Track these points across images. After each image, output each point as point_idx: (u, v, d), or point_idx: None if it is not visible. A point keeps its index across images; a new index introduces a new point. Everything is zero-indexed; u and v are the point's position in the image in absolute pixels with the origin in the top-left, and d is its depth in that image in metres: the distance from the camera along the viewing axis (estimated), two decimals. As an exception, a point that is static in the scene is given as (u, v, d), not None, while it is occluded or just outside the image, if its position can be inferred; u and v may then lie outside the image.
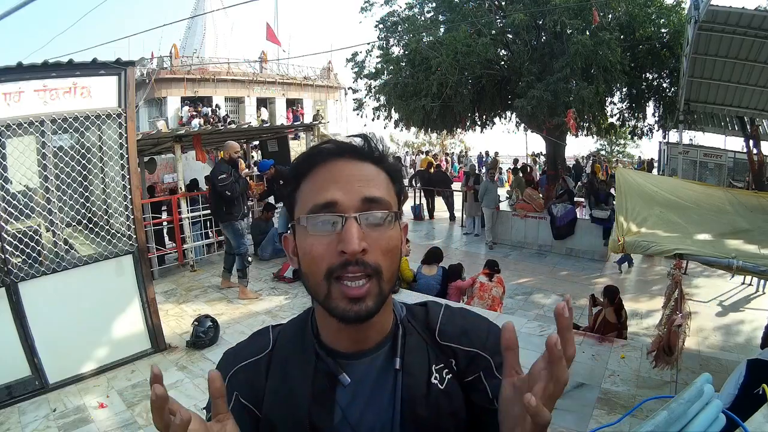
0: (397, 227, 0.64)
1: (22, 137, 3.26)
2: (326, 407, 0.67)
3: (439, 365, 0.69)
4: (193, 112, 17.57)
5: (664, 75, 9.93)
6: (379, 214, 0.62)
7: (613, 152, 23.16)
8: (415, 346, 0.70)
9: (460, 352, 0.70)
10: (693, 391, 0.55)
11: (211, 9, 18.74)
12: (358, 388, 0.68)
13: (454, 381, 0.69)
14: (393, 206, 0.65)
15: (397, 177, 0.69)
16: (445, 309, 0.76)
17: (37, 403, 3.24)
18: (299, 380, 0.68)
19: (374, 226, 0.62)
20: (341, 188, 0.62)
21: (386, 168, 0.67)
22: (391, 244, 0.63)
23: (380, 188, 0.64)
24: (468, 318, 0.75)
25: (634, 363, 3.81)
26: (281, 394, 0.69)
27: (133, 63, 3.74)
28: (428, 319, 0.73)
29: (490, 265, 5.40)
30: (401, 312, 0.75)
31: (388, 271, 0.62)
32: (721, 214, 3.83)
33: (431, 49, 9.23)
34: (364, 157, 0.66)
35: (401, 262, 0.67)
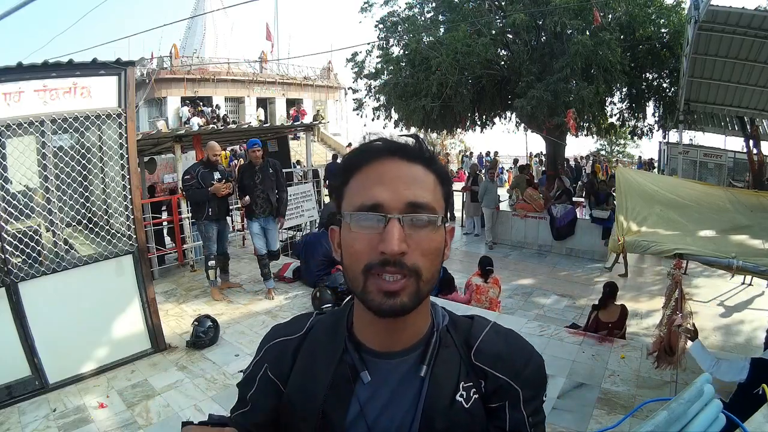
0: (440, 231, 0.65)
1: (22, 137, 3.26)
2: (342, 399, 0.68)
3: (468, 383, 0.68)
4: (192, 110, 17.57)
5: (664, 75, 9.93)
6: (423, 217, 0.62)
7: (613, 152, 23.17)
8: (447, 359, 0.69)
9: (491, 376, 0.68)
10: (693, 391, 0.55)
11: (211, 9, 18.75)
12: (379, 387, 0.68)
13: (479, 402, 0.68)
14: (438, 210, 0.65)
15: (446, 180, 0.68)
16: (490, 328, 0.73)
17: (37, 403, 3.24)
18: (322, 368, 0.70)
19: (417, 228, 0.62)
20: (388, 189, 0.62)
21: (435, 170, 0.67)
22: (432, 247, 0.63)
23: (427, 191, 0.64)
24: (511, 343, 0.72)
25: (634, 363, 3.81)
26: (304, 378, 0.71)
27: (133, 63, 3.74)
28: (470, 335, 0.72)
29: (482, 264, 5.31)
30: (442, 320, 0.74)
31: (427, 273, 0.63)
32: (721, 212, 3.83)
33: (431, 49, 9.24)
34: (413, 158, 0.65)
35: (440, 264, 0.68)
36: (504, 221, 9.57)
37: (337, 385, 0.68)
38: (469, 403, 0.67)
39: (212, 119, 16.88)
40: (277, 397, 0.73)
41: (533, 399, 0.69)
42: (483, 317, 0.77)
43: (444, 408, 0.66)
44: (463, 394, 0.67)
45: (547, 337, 4.24)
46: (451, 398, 0.67)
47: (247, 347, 4.05)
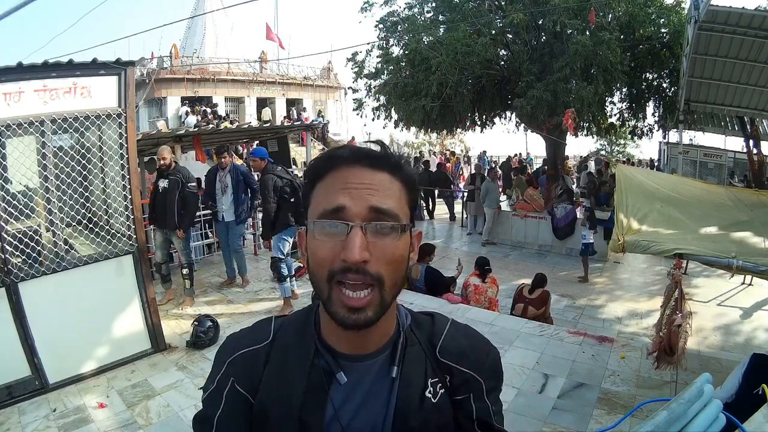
0: (405, 238, 0.64)
1: (22, 137, 3.26)
2: (318, 403, 0.67)
3: (434, 379, 0.71)
4: (189, 108, 17.55)
5: (664, 75, 9.93)
6: (386, 225, 0.62)
7: (613, 152, 23.17)
8: (414, 357, 0.71)
9: (456, 372, 0.72)
10: (693, 391, 0.55)
11: (211, 9, 18.74)
12: (353, 389, 0.68)
13: (445, 396, 0.71)
14: (402, 217, 0.64)
15: (412, 187, 0.68)
16: (450, 326, 0.77)
17: (37, 403, 3.24)
18: (295, 374, 0.69)
19: (380, 236, 0.62)
20: (351, 196, 0.62)
21: (402, 177, 0.67)
22: (396, 254, 0.63)
23: (391, 198, 0.64)
24: (471, 338, 0.76)
25: (634, 363, 3.81)
26: (276, 386, 0.69)
27: (133, 63, 3.74)
28: (432, 332, 0.75)
29: (480, 264, 5.31)
30: (405, 320, 0.75)
31: (390, 280, 0.63)
32: (721, 209, 3.83)
33: (431, 49, 9.23)
34: (378, 165, 0.65)
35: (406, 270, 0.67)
36: (504, 221, 9.57)
37: (312, 390, 0.68)
38: (436, 398, 0.70)
39: (205, 117, 16.84)
40: (248, 411, 0.70)
41: (494, 389, 0.75)
42: (441, 314, 0.79)
43: (416, 406, 0.68)
44: (431, 390, 0.70)
45: (547, 337, 4.24)
46: (421, 395, 0.69)
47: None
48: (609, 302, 6.42)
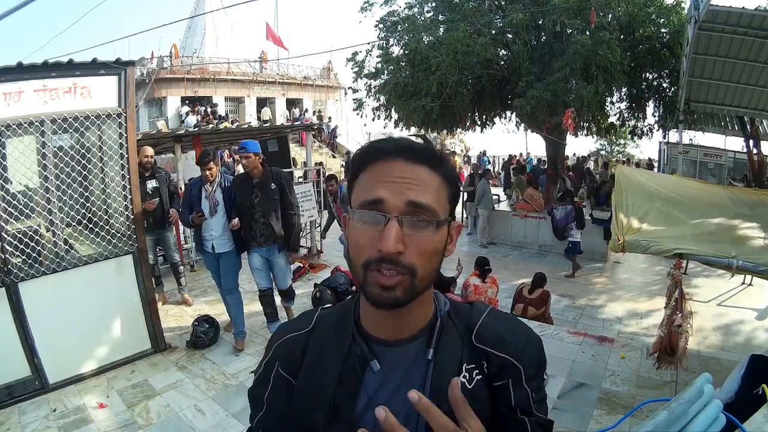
0: (442, 232, 0.67)
1: (22, 137, 3.26)
2: (351, 389, 0.70)
3: (471, 365, 0.71)
4: (189, 108, 17.55)
5: (664, 75, 9.92)
6: (423, 219, 0.64)
7: (613, 152, 23.17)
8: (450, 343, 0.72)
9: (492, 357, 0.71)
10: (693, 391, 0.55)
11: (211, 9, 18.74)
12: (389, 375, 0.71)
13: (482, 383, 0.70)
14: (440, 212, 0.66)
15: (453, 182, 0.70)
16: (488, 313, 0.77)
17: (37, 403, 3.24)
18: (331, 360, 0.72)
19: (417, 229, 0.64)
20: (390, 189, 0.64)
21: (442, 172, 0.69)
22: (430, 248, 0.65)
23: (429, 193, 0.66)
24: (509, 325, 0.76)
25: (634, 363, 3.81)
26: (312, 371, 0.73)
27: (133, 63, 3.74)
28: (470, 319, 0.75)
29: (479, 264, 5.31)
30: (443, 307, 0.76)
31: (424, 271, 0.65)
32: (721, 209, 3.83)
33: (431, 49, 9.23)
34: (419, 159, 0.67)
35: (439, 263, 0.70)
36: (504, 221, 9.57)
37: (347, 376, 0.71)
38: (472, 384, 0.69)
39: (205, 117, 16.84)
40: (290, 393, 0.75)
41: (535, 376, 0.72)
42: (481, 303, 0.80)
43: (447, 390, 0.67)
44: (466, 376, 0.70)
45: (547, 337, 4.24)
46: None
47: (248, 347, 4.05)
48: (609, 302, 6.41)
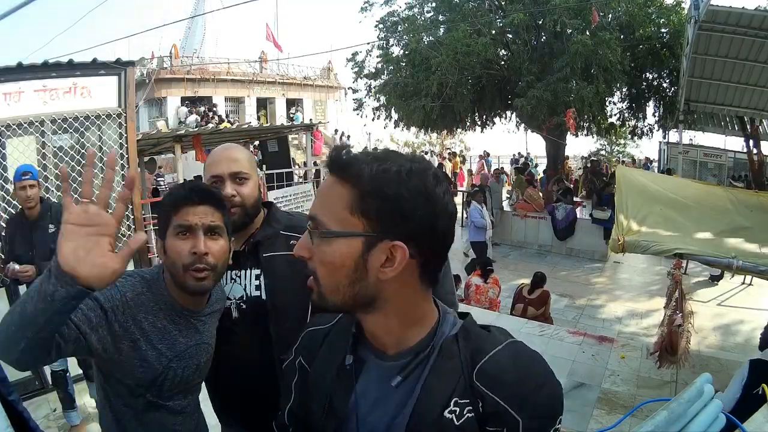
0: (331, 244, 0.67)
1: (22, 137, 3.26)
2: (344, 388, 0.71)
3: (464, 400, 0.64)
4: (188, 109, 17.55)
5: (664, 75, 9.93)
6: (313, 232, 0.67)
7: (613, 152, 23.14)
8: (445, 371, 0.66)
9: (489, 400, 0.63)
10: (693, 391, 0.55)
11: (211, 9, 18.74)
12: (371, 385, 0.70)
13: (473, 422, 0.64)
14: (329, 225, 0.66)
15: (370, 193, 0.65)
16: (503, 347, 0.67)
17: (37, 403, 3.24)
18: (335, 357, 0.74)
19: (314, 238, 0.67)
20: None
21: (351, 182, 0.66)
22: (318, 258, 0.67)
23: (322, 204, 0.67)
24: (522, 367, 0.65)
25: (634, 363, 3.82)
26: (322, 364, 0.76)
27: (133, 63, 3.74)
28: (480, 348, 0.67)
29: (482, 264, 5.32)
30: (449, 330, 0.70)
31: (322, 279, 0.66)
32: (721, 212, 3.83)
33: (431, 49, 9.24)
34: (331, 169, 0.69)
35: None
36: (504, 221, 9.57)
37: (342, 376, 0.72)
38: (460, 421, 0.64)
39: (204, 117, 16.83)
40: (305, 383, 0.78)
41: (537, 431, 0.64)
42: (503, 331, 0.71)
43: (430, 421, 0.64)
44: (455, 411, 0.64)
45: (547, 337, 4.24)
46: (440, 413, 0.64)
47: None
48: (609, 302, 6.42)
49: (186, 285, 1.04)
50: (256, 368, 1.23)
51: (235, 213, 1.23)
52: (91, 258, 0.68)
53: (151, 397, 1.08)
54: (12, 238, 2.81)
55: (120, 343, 1.00)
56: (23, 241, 2.78)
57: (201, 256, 1.02)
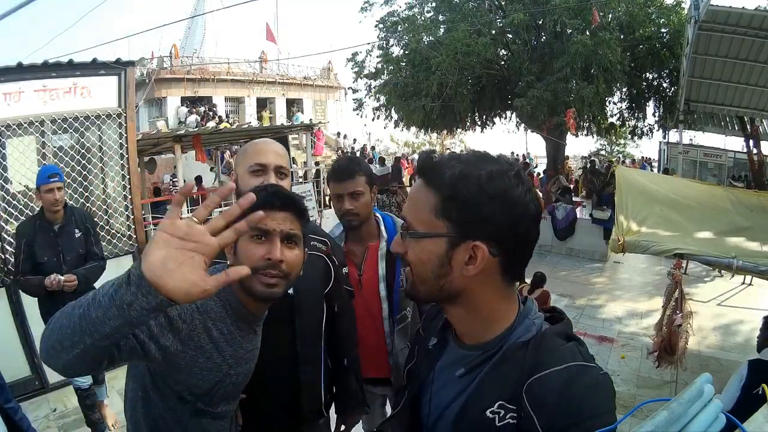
0: (420, 244, 0.75)
1: (22, 137, 3.26)
2: (430, 364, 0.83)
3: (510, 405, 0.66)
4: (188, 109, 17.56)
5: (664, 75, 9.93)
6: (405, 233, 0.77)
7: (613, 152, 23.15)
8: (501, 375, 0.69)
9: (526, 416, 0.64)
10: (693, 391, 0.55)
11: (211, 9, 18.74)
12: (446, 368, 0.80)
13: (513, 429, 0.65)
14: (417, 227, 0.75)
15: (456, 199, 0.73)
16: (562, 369, 0.65)
17: (37, 403, 3.24)
18: (432, 334, 0.87)
19: (408, 239, 0.76)
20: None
21: (435, 186, 0.73)
22: (410, 257, 0.76)
23: (412, 209, 0.75)
24: (570, 395, 0.63)
25: (634, 363, 3.82)
26: (427, 336, 0.89)
27: (133, 63, 3.75)
28: (540, 363, 0.67)
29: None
30: (524, 334, 0.72)
31: (417, 272, 0.76)
32: (721, 212, 3.83)
33: (431, 49, 9.24)
34: (421, 176, 0.76)
35: None
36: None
37: (431, 351, 0.84)
38: (500, 424, 0.66)
39: (204, 117, 16.84)
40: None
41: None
42: (577, 351, 0.69)
43: (474, 415, 0.69)
44: (498, 413, 0.66)
45: (547, 337, 4.24)
46: (483, 410, 0.68)
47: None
48: (609, 302, 6.41)
49: (253, 289, 0.98)
50: (282, 363, 1.26)
51: None
52: (181, 271, 0.62)
53: (201, 405, 1.02)
54: (31, 244, 2.58)
55: (185, 350, 0.93)
56: (47, 248, 2.59)
57: (275, 263, 0.97)
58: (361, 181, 1.60)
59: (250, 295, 1.00)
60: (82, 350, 0.67)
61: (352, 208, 1.59)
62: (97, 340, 0.66)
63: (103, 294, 0.65)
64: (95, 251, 2.75)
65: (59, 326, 0.69)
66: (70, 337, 0.67)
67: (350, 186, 1.59)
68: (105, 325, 0.64)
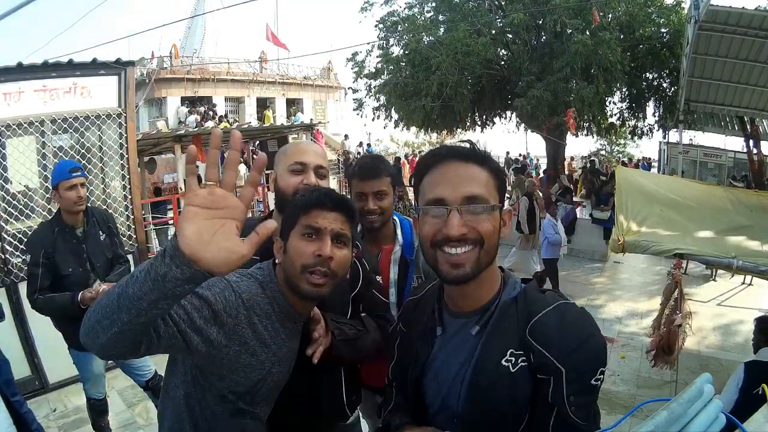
0: (495, 215, 0.81)
1: (22, 137, 3.26)
2: (425, 344, 0.90)
3: (519, 352, 0.78)
4: (189, 109, 17.57)
5: (664, 75, 9.94)
6: (478, 208, 0.79)
7: (613, 152, 23.15)
8: (503, 328, 0.81)
9: (537, 352, 0.76)
10: (693, 391, 0.55)
11: (211, 9, 18.74)
12: (448, 340, 0.87)
13: (526, 370, 0.77)
14: (491, 199, 0.81)
15: (499, 174, 0.85)
16: (555, 307, 0.79)
17: (37, 403, 3.24)
18: (421, 319, 0.94)
19: (474, 215, 0.79)
20: (449, 186, 0.80)
21: (489, 167, 0.83)
22: (487, 227, 0.79)
23: (480, 185, 0.81)
24: (568, 324, 0.77)
25: (634, 363, 3.82)
26: (412, 324, 0.96)
27: (133, 63, 3.75)
28: (533, 309, 0.80)
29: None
30: (512, 292, 0.85)
31: (488, 245, 0.79)
32: (721, 212, 3.83)
33: (431, 49, 9.24)
34: (469, 158, 0.82)
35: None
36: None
37: (425, 333, 0.91)
38: (515, 369, 0.77)
39: (204, 117, 16.84)
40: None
41: (576, 381, 0.74)
42: (555, 294, 0.84)
43: (489, 368, 0.78)
44: (511, 360, 0.78)
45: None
46: (497, 362, 0.78)
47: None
48: (609, 302, 6.41)
49: (300, 288, 1.00)
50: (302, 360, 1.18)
51: None
52: (216, 241, 0.62)
53: (243, 405, 1.03)
54: (51, 255, 2.25)
55: (229, 344, 0.94)
56: (72, 256, 2.30)
57: (325, 259, 0.99)
58: (387, 181, 1.57)
59: (296, 294, 1.02)
60: (120, 328, 0.68)
61: (375, 208, 1.55)
62: (134, 316, 0.66)
63: (140, 270, 0.66)
64: (121, 253, 2.53)
65: (100, 307, 0.70)
66: (109, 315, 0.68)
67: (375, 185, 1.55)
68: (141, 300, 0.65)
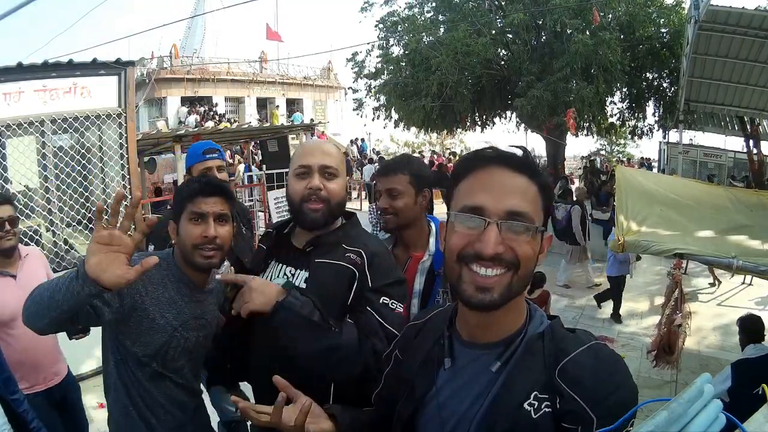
0: (536, 239, 0.69)
1: (22, 137, 3.26)
2: (426, 376, 0.78)
3: (543, 395, 0.68)
4: (189, 109, 17.58)
5: (664, 75, 9.94)
6: (520, 226, 0.67)
7: (613, 152, 23.16)
8: (528, 366, 0.70)
9: (567, 396, 0.66)
10: (693, 391, 0.55)
11: (211, 9, 18.74)
12: (458, 372, 0.75)
13: (550, 417, 0.66)
14: (536, 219, 0.68)
15: (548, 192, 0.73)
16: (586, 349, 0.70)
17: (37, 403, 3.24)
18: (422, 348, 0.82)
19: (514, 234, 0.67)
20: (491, 195, 0.68)
21: (538, 182, 0.71)
22: (526, 251, 0.67)
23: (527, 201, 0.68)
24: (601, 369, 0.68)
25: (634, 363, 3.82)
26: (410, 353, 0.85)
27: (133, 63, 3.75)
28: (564, 348, 0.70)
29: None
30: (538, 327, 0.74)
31: (523, 270, 0.68)
32: (721, 211, 3.83)
33: (431, 49, 9.24)
34: (519, 168, 0.69)
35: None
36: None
37: (426, 364, 0.79)
38: (537, 415, 0.67)
39: (204, 117, 16.84)
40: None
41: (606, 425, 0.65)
42: (587, 333, 0.75)
43: (509, 411, 0.68)
44: (534, 404, 0.67)
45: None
46: (519, 404, 0.67)
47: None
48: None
49: (195, 262, 1.22)
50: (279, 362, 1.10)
51: (319, 210, 1.18)
52: (111, 269, 0.90)
53: (157, 367, 1.23)
54: None
55: (132, 312, 1.17)
56: (248, 252, 1.93)
57: (211, 239, 1.20)
58: (402, 179, 1.45)
59: (191, 266, 1.25)
60: (50, 320, 1.01)
61: (386, 207, 1.46)
62: (59, 314, 0.98)
63: (62, 283, 0.95)
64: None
65: (37, 299, 1.01)
66: (42, 310, 1.00)
67: (388, 182, 1.47)
68: (65, 304, 0.95)
